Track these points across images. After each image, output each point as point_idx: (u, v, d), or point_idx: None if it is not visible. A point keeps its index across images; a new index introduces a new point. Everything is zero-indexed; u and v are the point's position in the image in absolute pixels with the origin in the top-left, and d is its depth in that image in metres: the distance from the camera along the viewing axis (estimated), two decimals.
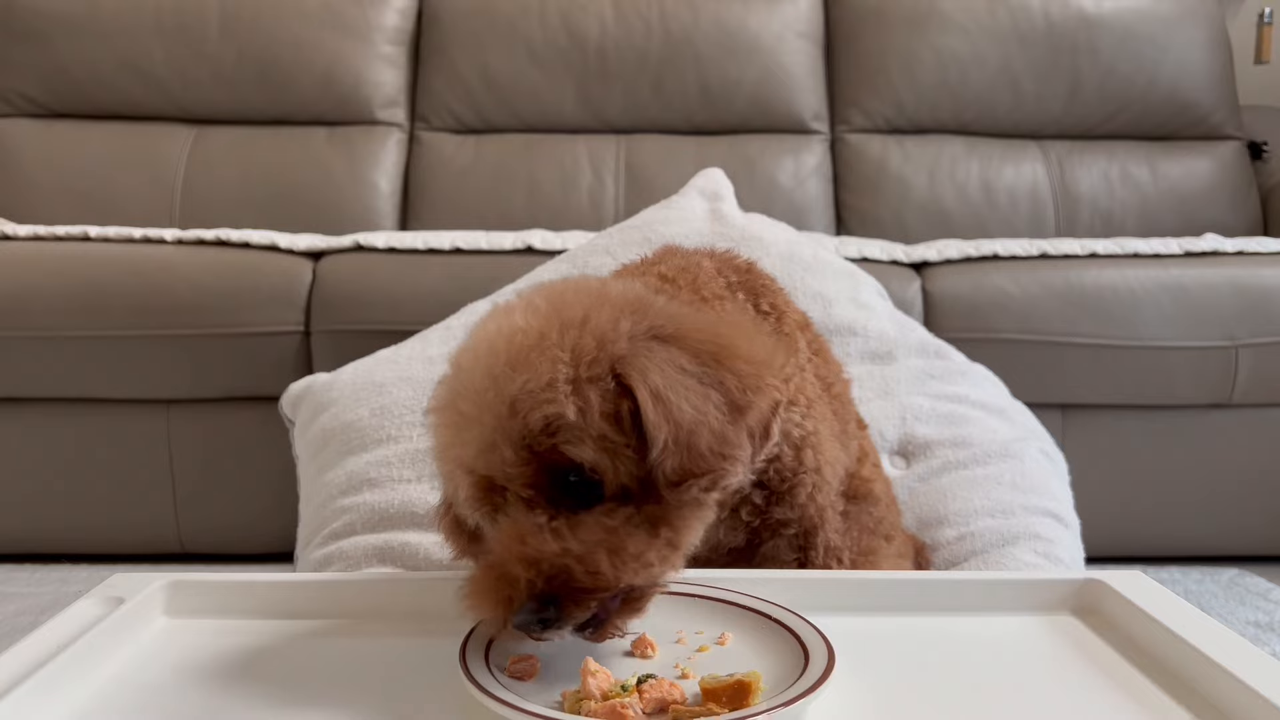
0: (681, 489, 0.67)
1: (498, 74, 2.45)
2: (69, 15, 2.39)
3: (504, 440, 0.66)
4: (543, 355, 0.67)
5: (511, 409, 0.66)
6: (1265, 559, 1.87)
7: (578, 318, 0.69)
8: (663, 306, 0.74)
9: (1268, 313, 1.77)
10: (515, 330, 0.69)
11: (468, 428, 0.68)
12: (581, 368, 0.67)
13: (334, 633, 0.79)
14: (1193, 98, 2.50)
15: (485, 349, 0.70)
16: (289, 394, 1.48)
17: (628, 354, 0.68)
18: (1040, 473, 1.35)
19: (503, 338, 0.69)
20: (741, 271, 0.97)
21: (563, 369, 0.67)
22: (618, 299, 0.72)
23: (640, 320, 0.70)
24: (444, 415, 0.71)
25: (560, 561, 0.64)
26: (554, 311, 0.70)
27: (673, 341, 0.70)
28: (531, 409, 0.66)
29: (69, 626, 0.74)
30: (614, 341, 0.68)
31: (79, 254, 1.79)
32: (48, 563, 1.81)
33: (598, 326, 0.69)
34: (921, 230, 2.36)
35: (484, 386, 0.68)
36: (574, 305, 0.71)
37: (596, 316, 0.69)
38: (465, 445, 0.69)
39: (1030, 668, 0.74)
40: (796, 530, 0.93)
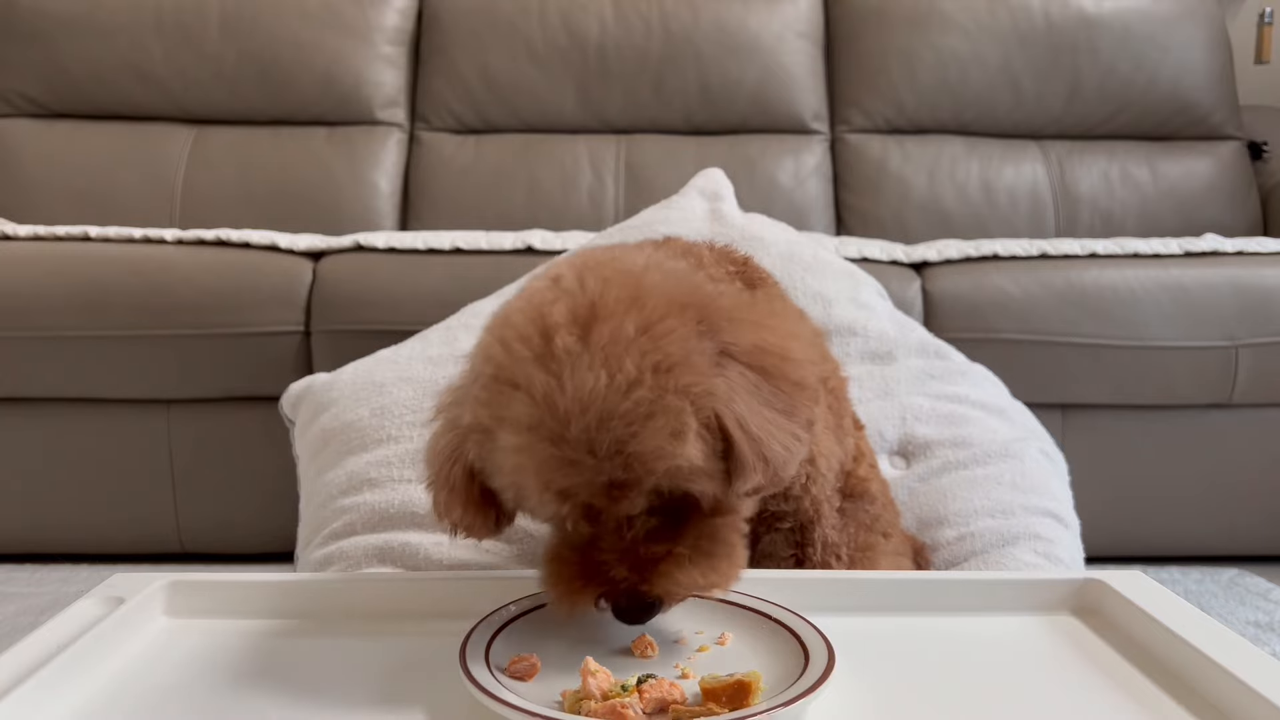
0: (754, 494, 0.73)
1: (498, 74, 2.45)
2: (69, 15, 2.39)
3: (634, 490, 0.66)
4: (657, 397, 0.65)
5: (642, 466, 0.65)
6: (1265, 559, 1.87)
7: (673, 345, 0.67)
8: (718, 300, 0.73)
9: (1268, 313, 1.77)
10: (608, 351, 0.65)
11: (579, 470, 0.65)
12: (690, 408, 0.66)
13: (334, 633, 0.79)
14: (1193, 98, 2.50)
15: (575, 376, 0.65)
16: (289, 394, 1.48)
17: (719, 391, 0.68)
18: (1040, 473, 1.35)
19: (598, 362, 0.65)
20: (739, 263, 0.97)
21: (676, 417, 0.65)
22: (680, 297, 0.70)
23: (703, 327, 0.69)
24: (533, 444, 0.66)
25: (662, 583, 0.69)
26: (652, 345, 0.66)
27: (740, 358, 0.70)
28: (657, 461, 0.65)
29: (69, 626, 0.74)
30: (703, 372, 0.67)
31: (79, 254, 1.79)
32: (48, 563, 1.81)
33: (687, 354, 0.67)
34: (921, 230, 2.36)
35: (596, 425, 0.64)
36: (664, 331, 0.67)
37: (679, 334, 0.67)
38: (575, 480, 0.66)
39: (1030, 668, 0.74)
40: (793, 524, 0.93)
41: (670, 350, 0.66)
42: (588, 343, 0.66)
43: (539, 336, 0.67)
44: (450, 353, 1.37)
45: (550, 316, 0.68)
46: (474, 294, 1.55)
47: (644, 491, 0.67)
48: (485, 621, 0.74)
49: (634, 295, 0.69)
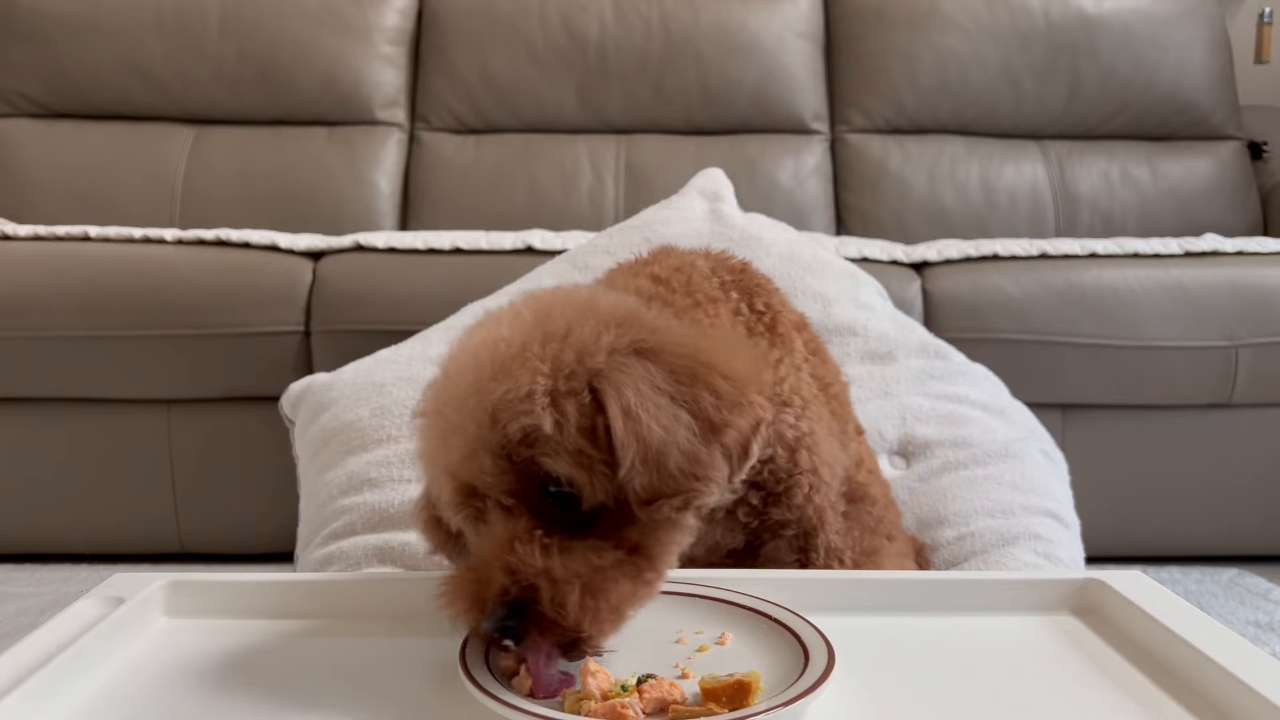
0: (653, 508, 0.66)
1: (498, 74, 2.45)
2: (69, 15, 2.39)
3: (484, 449, 0.67)
4: (523, 366, 0.67)
5: (492, 418, 0.66)
6: (1265, 559, 1.87)
7: (560, 330, 0.69)
8: (649, 320, 0.74)
9: (1268, 313, 1.77)
10: (499, 340, 0.70)
11: (451, 434, 0.69)
12: (560, 380, 0.67)
13: (334, 633, 0.79)
14: (1193, 98, 2.50)
15: (470, 358, 0.70)
16: (289, 394, 1.48)
17: (604, 369, 0.67)
18: (1040, 473, 1.35)
19: (487, 347, 0.70)
20: (736, 271, 0.97)
21: (542, 380, 0.67)
22: (605, 312, 0.72)
23: (623, 334, 0.70)
24: (430, 420, 0.72)
25: (534, 580, 0.64)
26: (538, 323, 0.71)
27: (652, 357, 0.69)
28: (510, 419, 0.66)
29: (69, 626, 0.74)
30: (593, 355, 0.68)
31: (79, 254, 1.79)
32: (48, 563, 1.81)
33: (579, 339, 0.69)
34: (921, 230, 2.36)
35: (467, 395, 0.68)
36: (558, 317, 0.71)
37: (579, 329, 0.69)
38: (449, 452, 0.69)
39: (1030, 668, 0.74)
40: (796, 531, 0.93)
41: (560, 337, 0.69)
42: (493, 346, 0.70)
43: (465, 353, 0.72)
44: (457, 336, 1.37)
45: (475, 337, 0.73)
46: (474, 294, 1.55)
47: (488, 451, 0.66)
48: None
49: (547, 310, 0.72)
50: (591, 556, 0.66)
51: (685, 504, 0.67)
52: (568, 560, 0.65)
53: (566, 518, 0.67)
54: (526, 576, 0.64)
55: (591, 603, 0.65)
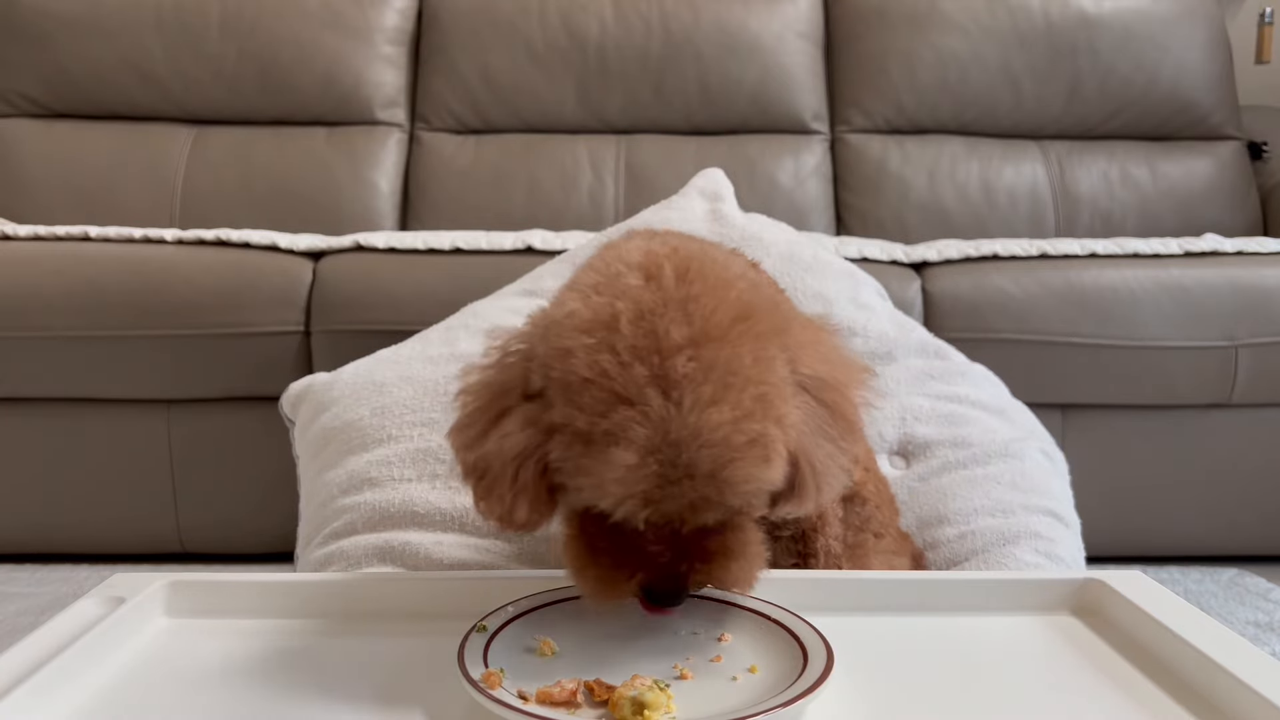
0: None
1: (498, 74, 2.45)
2: (69, 15, 2.39)
3: (715, 507, 0.68)
4: (752, 425, 0.67)
5: (732, 491, 0.67)
6: (1265, 559, 1.87)
7: (762, 367, 0.69)
8: (794, 330, 0.75)
9: (1268, 313, 1.77)
10: (734, 405, 0.66)
11: (680, 480, 0.66)
12: (777, 435, 0.69)
13: (334, 633, 0.79)
14: (1193, 98, 2.50)
15: (697, 416, 0.66)
16: (289, 394, 1.48)
17: (796, 421, 0.71)
18: (1040, 472, 1.35)
19: (724, 415, 0.66)
20: (751, 268, 0.97)
21: (770, 444, 0.68)
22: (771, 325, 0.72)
23: (786, 355, 0.72)
24: (644, 461, 0.66)
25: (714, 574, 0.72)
26: (755, 361, 0.69)
27: (810, 389, 0.73)
28: (747, 484, 0.68)
29: (69, 626, 0.74)
30: (786, 398, 0.70)
31: (79, 254, 1.79)
32: (48, 563, 1.81)
33: (773, 382, 0.69)
34: (921, 230, 2.36)
35: (703, 450, 0.66)
36: (756, 351, 0.69)
37: (773, 369, 0.70)
38: (667, 496, 0.67)
39: (1030, 668, 0.74)
40: (794, 533, 0.93)
41: (772, 382, 0.69)
42: (706, 370, 0.66)
43: (656, 355, 0.67)
44: (450, 352, 1.37)
45: (664, 332, 0.67)
46: (474, 294, 1.55)
47: (725, 510, 0.69)
48: (484, 621, 0.74)
49: (740, 315, 0.70)
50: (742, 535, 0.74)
51: None
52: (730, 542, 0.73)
53: None
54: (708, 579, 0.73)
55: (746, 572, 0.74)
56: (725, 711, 0.63)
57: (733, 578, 0.73)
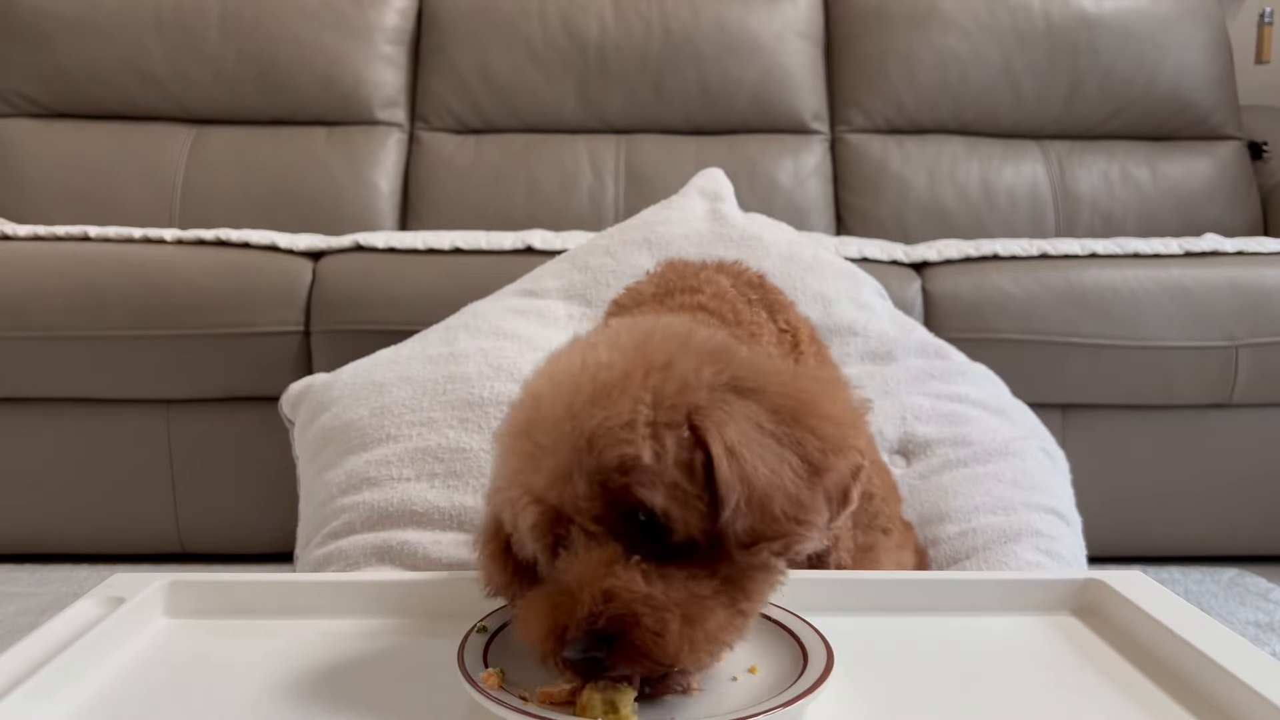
0: (752, 551, 0.64)
1: (498, 74, 2.45)
2: (69, 15, 2.39)
3: (579, 473, 0.64)
4: (625, 394, 0.65)
5: (589, 443, 0.64)
6: (1265, 559, 1.87)
7: (662, 360, 0.67)
8: (746, 357, 0.72)
9: (1268, 313, 1.77)
10: (600, 365, 0.68)
11: (542, 458, 0.66)
12: (661, 411, 0.65)
13: (334, 633, 0.79)
14: (1193, 98, 2.50)
15: (567, 381, 0.68)
16: (289, 394, 1.48)
17: (706, 405, 0.66)
18: (1041, 471, 1.35)
19: (586, 372, 0.68)
20: (756, 287, 0.96)
21: (644, 410, 0.65)
22: (702, 346, 0.71)
23: (723, 370, 0.68)
24: (516, 443, 0.69)
25: (634, 607, 0.62)
26: (639, 352, 0.68)
27: (754, 396, 0.68)
28: (609, 446, 0.64)
29: (69, 626, 0.74)
30: (695, 390, 0.66)
31: (79, 254, 1.79)
32: (48, 563, 1.81)
33: (681, 372, 0.67)
34: (921, 230, 2.36)
35: (562, 418, 0.66)
36: (659, 347, 0.69)
37: (681, 362, 0.67)
38: (537, 474, 0.66)
39: (1030, 668, 0.74)
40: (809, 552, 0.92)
41: (663, 367, 0.67)
42: (595, 376, 0.67)
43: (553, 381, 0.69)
44: (450, 352, 1.37)
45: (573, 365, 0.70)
46: (474, 294, 1.55)
47: (584, 476, 0.64)
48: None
49: (647, 338, 0.70)
50: (690, 585, 0.63)
51: (785, 548, 0.65)
52: (668, 587, 0.63)
53: (653, 550, 0.65)
54: (625, 603, 0.62)
55: (689, 632, 0.62)
56: (725, 711, 0.63)
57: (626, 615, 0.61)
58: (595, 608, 0.62)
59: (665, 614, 0.62)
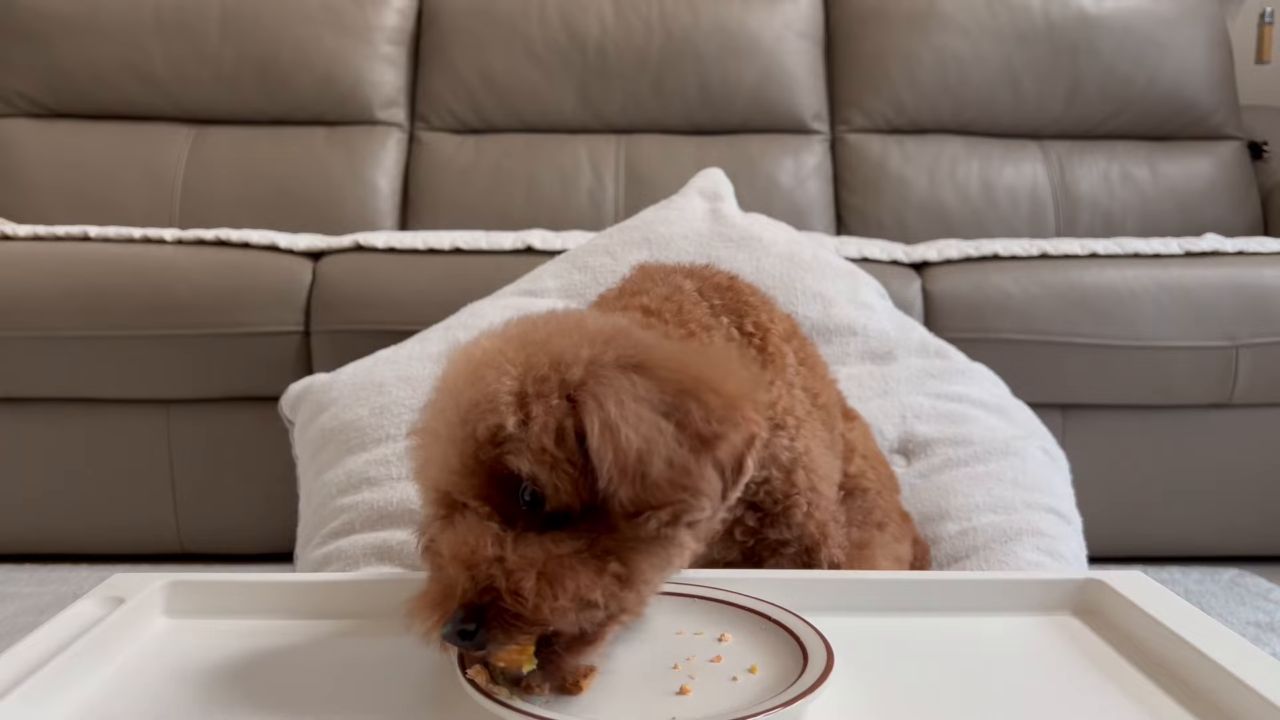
0: (639, 521, 0.64)
1: (498, 74, 2.45)
2: (69, 15, 2.39)
3: (454, 450, 0.68)
4: (492, 369, 0.69)
5: (462, 421, 0.68)
6: (1265, 559, 1.87)
7: (539, 339, 0.71)
8: (638, 337, 0.73)
9: (1268, 313, 1.77)
10: (478, 350, 0.72)
11: (434, 444, 0.70)
12: (529, 383, 0.67)
13: (334, 633, 0.79)
14: (1193, 98, 2.50)
15: (452, 370, 0.73)
16: (289, 394, 1.48)
17: (584, 379, 0.67)
18: (1041, 470, 1.35)
19: (465, 357, 0.72)
20: (723, 291, 0.95)
21: (508, 382, 0.67)
22: (591, 329, 0.72)
23: (607, 349, 0.69)
24: (418, 436, 0.73)
25: (489, 570, 0.62)
26: (519, 335, 0.72)
27: (639, 371, 0.68)
28: (478, 419, 0.67)
29: (69, 626, 0.74)
30: (571, 366, 0.68)
31: (79, 254, 1.79)
32: (48, 563, 1.81)
33: (556, 349, 0.69)
34: (921, 230, 2.36)
35: (446, 405, 0.70)
36: (541, 330, 0.72)
37: (559, 341, 0.70)
38: (430, 462, 0.71)
39: (1030, 668, 0.74)
40: (797, 549, 0.92)
41: (538, 344, 0.70)
42: (471, 359, 0.72)
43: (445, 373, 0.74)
44: (449, 352, 1.37)
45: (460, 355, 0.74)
46: (474, 294, 1.55)
47: (464, 455, 0.67)
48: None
49: (532, 324, 0.74)
50: (549, 545, 0.64)
51: (674, 518, 0.65)
52: (522, 548, 0.64)
53: (535, 524, 0.66)
54: (482, 571, 0.63)
55: (549, 589, 0.62)
56: (725, 711, 0.63)
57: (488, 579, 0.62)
58: (464, 583, 0.63)
59: (519, 574, 0.62)
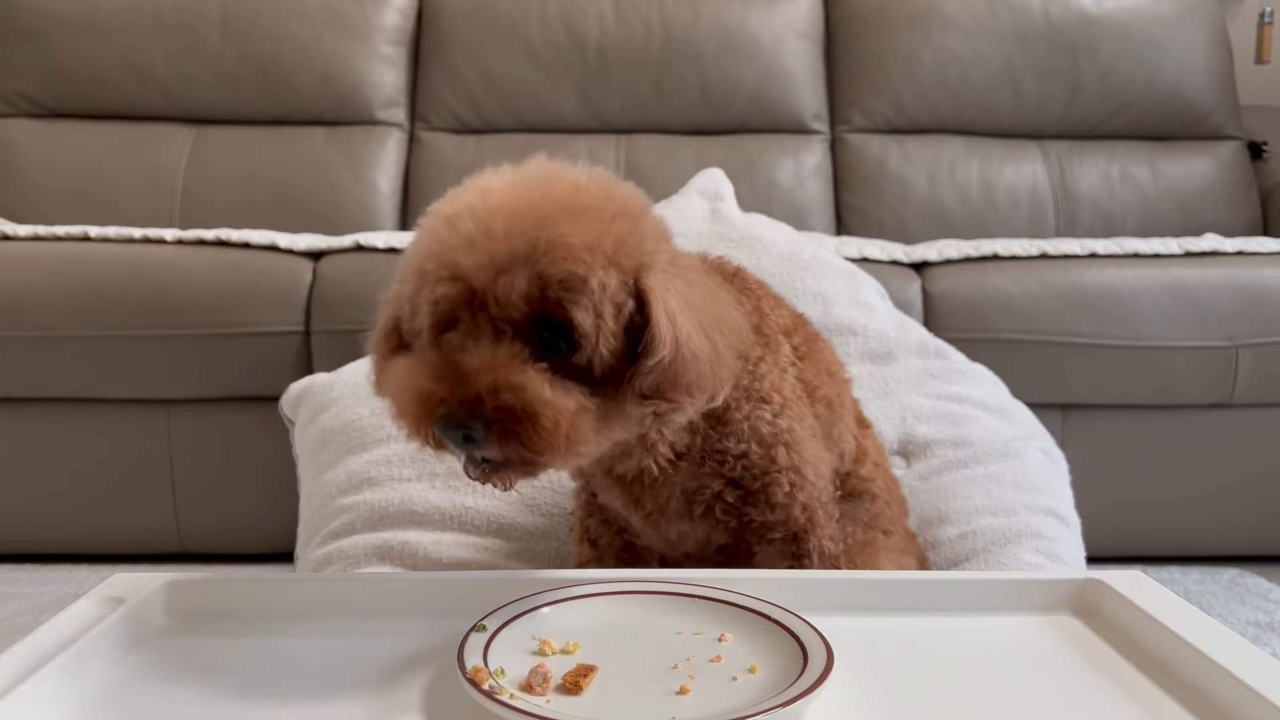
0: (644, 403, 0.71)
1: (498, 74, 2.45)
2: (69, 15, 2.39)
3: (523, 269, 0.68)
4: (596, 221, 0.70)
5: (546, 248, 0.68)
6: (1265, 559, 1.87)
7: (633, 209, 0.73)
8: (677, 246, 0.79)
9: (1268, 313, 1.77)
10: (575, 185, 0.72)
11: (481, 241, 0.69)
12: (604, 248, 0.69)
13: (334, 633, 0.79)
14: (1193, 98, 2.50)
15: (535, 183, 0.72)
16: (289, 394, 1.48)
17: (654, 266, 0.71)
18: (1041, 472, 1.36)
19: (561, 183, 0.72)
20: (729, 275, 0.97)
21: (607, 243, 0.70)
22: (656, 222, 0.77)
23: (664, 247, 0.74)
24: (454, 221, 0.71)
25: (535, 405, 0.66)
26: (612, 194, 0.73)
27: (687, 277, 0.74)
28: (565, 257, 0.68)
29: (69, 626, 0.74)
30: (651, 252, 0.72)
31: (79, 254, 1.79)
32: (48, 563, 1.81)
33: (643, 229, 0.72)
34: (921, 230, 2.36)
35: (523, 213, 0.69)
36: (629, 200, 0.74)
37: (644, 223, 0.73)
38: (469, 254, 0.69)
39: (1030, 668, 0.74)
40: (784, 534, 0.92)
41: (631, 219, 0.73)
42: (572, 189, 0.73)
43: (516, 178, 0.75)
44: None
45: (540, 172, 0.77)
46: None
47: (527, 275, 0.68)
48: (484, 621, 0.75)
49: (614, 187, 0.76)
50: (579, 398, 0.69)
51: (666, 413, 0.72)
52: (563, 395, 0.68)
53: (556, 369, 0.69)
54: (528, 399, 0.66)
55: (567, 436, 0.68)
56: (725, 711, 0.63)
57: (540, 403, 0.66)
58: (489, 394, 0.66)
59: (559, 417, 0.67)
